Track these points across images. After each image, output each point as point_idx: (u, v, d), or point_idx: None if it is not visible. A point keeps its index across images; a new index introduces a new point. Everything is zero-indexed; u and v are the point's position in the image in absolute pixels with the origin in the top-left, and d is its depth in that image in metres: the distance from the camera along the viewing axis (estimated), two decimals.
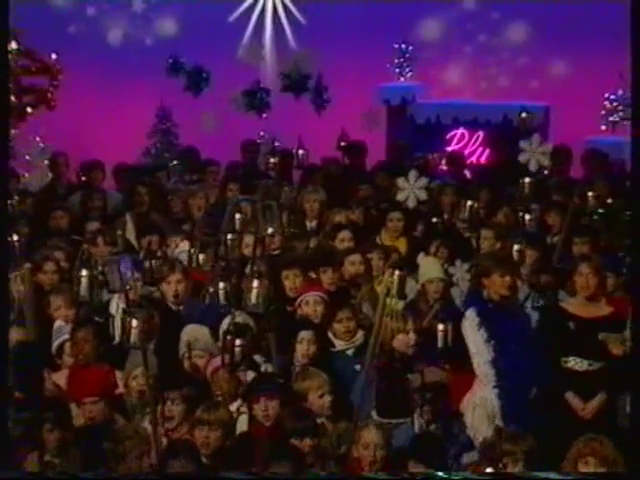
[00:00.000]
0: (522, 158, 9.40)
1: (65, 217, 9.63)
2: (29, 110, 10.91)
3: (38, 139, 12.60)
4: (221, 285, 7.46)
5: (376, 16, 13.32)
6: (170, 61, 13.25)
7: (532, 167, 9.40)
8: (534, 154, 9.31)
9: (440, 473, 5.06)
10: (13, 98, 10.19)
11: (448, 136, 12.97)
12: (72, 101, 13.07)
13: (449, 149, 12.70)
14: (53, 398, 6.76)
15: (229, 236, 7.88)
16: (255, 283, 7.28)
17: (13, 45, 10.26)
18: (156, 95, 13.36)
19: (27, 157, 12.47)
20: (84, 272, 7.54)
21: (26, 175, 11.95)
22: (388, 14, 13.29)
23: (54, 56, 11.13)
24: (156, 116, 13.27)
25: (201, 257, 8.12)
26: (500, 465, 5.68)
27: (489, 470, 5.56)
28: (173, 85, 13.51)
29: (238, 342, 6.75)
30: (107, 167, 11.26)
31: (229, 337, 6.74)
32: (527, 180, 9.48)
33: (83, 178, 10.93)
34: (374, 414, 6.86)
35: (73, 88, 13.07)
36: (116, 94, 13.40)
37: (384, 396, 6.83)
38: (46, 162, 11.70)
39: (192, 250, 8.18)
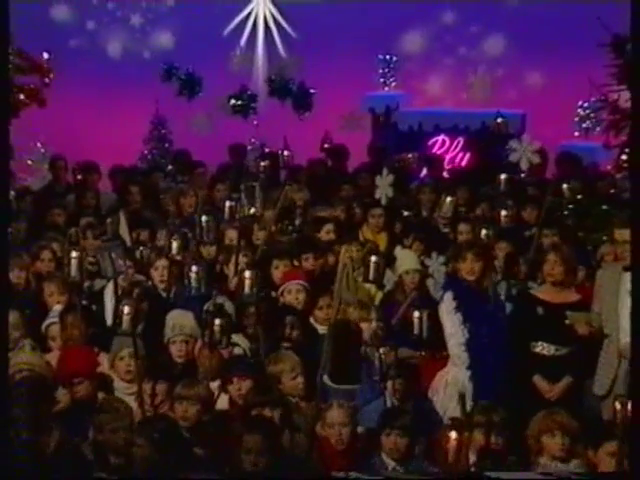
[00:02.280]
0: (513, 157, 9.38)
1: (62, 214, 9.66)
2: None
3: (39, 145, 12.60)
4: (194, 268, 7.40)
5: (362, 29, 13.33)
6: (164, 67, 13.21)
7: (523, 165, 9.38)
8: (525, 152, 9.28)
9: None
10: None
11: (430, 142, 12.95)
12: (73, 109, 13.13)
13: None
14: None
15: (204, 218, 7.80)
16: (247, 274, 7.27)
17: None
18: (152, 104, 13.36)
19: (29, 162, 12.46)
20: (74, 254, 7.52)
21: (29, 179, 11.92)
22: (373, 27, 13.31)
23: (46, 55, 11.08)
24: (151, 123, 13.24)
25: (174, 245, 8.00)
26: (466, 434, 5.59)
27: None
28: (168, 93, 13.47)
29: (217, 321, 6.72)
30: (104, 170, 11.28)
31: (209, 316, 6.70)
32: (503, 177, 9.46)
33: (79, 177, 10.87)
34: (326, 379, 6.81)
35: (74, 97, 13.15)
36: (114, 103, 13.37)
37: (336, 362, 6.74)
38: (46, 166, 11.70)
39: (173, 236, 8.10)
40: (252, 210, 8.55)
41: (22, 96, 10.64)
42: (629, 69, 9.30)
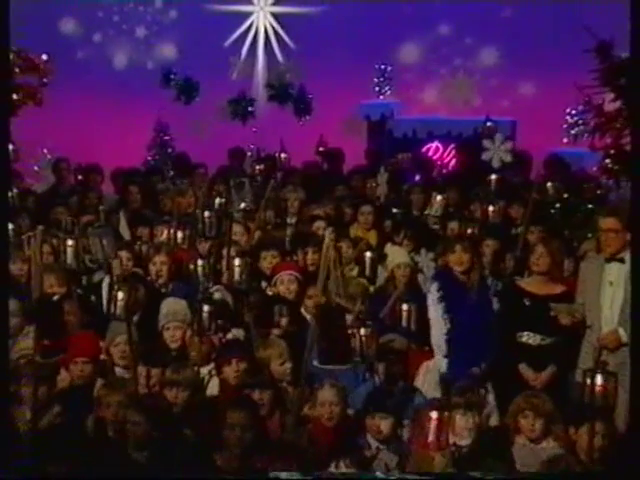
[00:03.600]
0: (485, 156, 9.40)
1: (64, 213, 9.65)
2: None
3: (45, 151, 12.68)
4: (199, 262, 7.43)
5: (359, 40, 13.44)
6: (162, 73, 13.30)
7: (495, 164, 9.40)
8: (497, 151, 9.31)
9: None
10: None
11: (424, 149, 13.00)
12: (79, 117, 13.22)
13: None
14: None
15: (206, 214, 7.83)
16: (237, 261, 7.29)
17: None
18: (155, 112, 13.44)
19: (35, 168, 12.54)
20: (69, 242, 7.54)
21: (35, 185, 11.96)
22: (370, 38, 13.42)
23: (44, 57, 11.12)
24: (154, 130, 13.32)
25: (179, 235, 8.02)
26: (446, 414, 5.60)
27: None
28: (171, 102, 13.63)
29: (206, 308, 6.75)
30: (106, 173, 11.34)
31: (198, 303, 6.73)
32: (493, 177, 9.47)
33: (80, 177, 10.92)
34: (315, 362, 6.82)
35: (80, 106, 13.24)
36: (119, 111, 13.47)
37: (324, 344, 6.76)
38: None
39: (171, 230, 8.12)
40: (242, 205, 8.56)
41: (20, 95, 10.66)
42: (613, 72, 9.39)
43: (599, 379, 5.72)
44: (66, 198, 10.46)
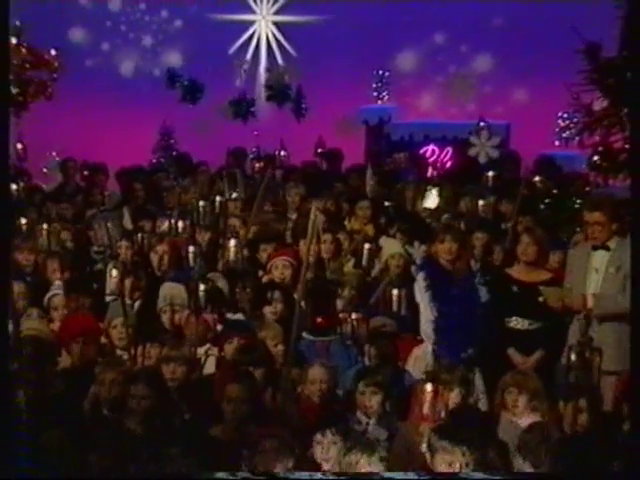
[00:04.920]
0: (472, 152, 9.43)
1: (70, 209, 9.76)
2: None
3: (54, 154, 12.75)
4: (191, 249, 7.47)
5: (358, 47, 13.53)
6: (167, 74, 13.41)
7: (482, 159, 9.43)
8: (483, 147, 9.34)
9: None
10: (16, 89, 10.29)
11: (420, 152, 13.04)
12: (87, 122, 13.30)
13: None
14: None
15: (201, 203, 7.87)
16: (232, 242, 7.34)
17: (13, 40, 10.34)
18: (160, 117, 13.52)
19: (44, 170, 12.60)
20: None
21: (44, 186, 12.04)
22: (369, 45, 13.51)
23: (53, 52, 11.19)
24: (159, 134, 13.40)
25: (180, 225, 8.08)
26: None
27: None
28: (176, 103, 13.73)
29: (202, 287, 6.79)
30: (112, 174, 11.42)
31: (194, 284, 6.77)
32: (490, 174, 9.49)
33: (85, 172, 11.00)
34: (305, 334, 6.83)
35: (89, 112, 13.33)
36: (126, 117, 13.57)
37: (313, 316, 6.78)
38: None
39: (172, 220, 8.17)
40: (234, 195, 8.62)
41: (32, 89, 10.72)
42: (602, 72, 9.43)
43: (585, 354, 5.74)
44: (72, 197, 10.56)
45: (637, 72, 7.08)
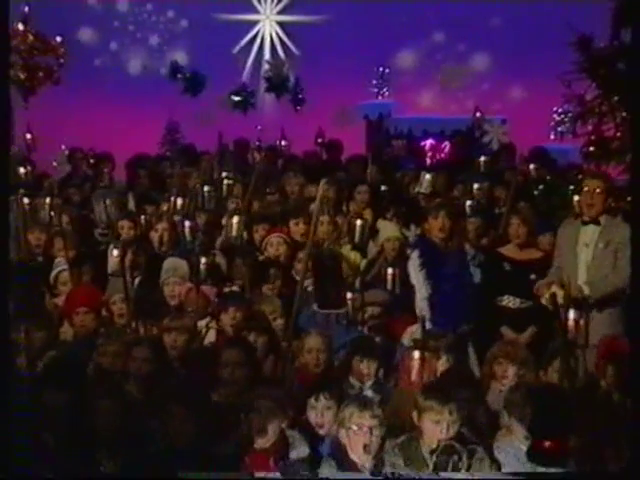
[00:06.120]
0: (486, 139, 9.51)
1: (76, 194, 9.82)
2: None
3: (63, 147, 12.81)
4: (187, 224, 7.50)
5: (359, 45, 13.65)
6: (170, 66, 13.49)
7: (495, 145, 9.51)
8: (496, 134, 9.42)
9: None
10: (24, 75, 10.36)
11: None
12: (96, 119, 13.37)
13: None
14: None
15: (206, 188, 7.90)
16: (235, 219, 7.38)
17: (20, 26, 10.40)
18: (166, 113, 13.60)
19: (54, 163, 12.66)
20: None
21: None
22: (369, 43, 13.63)
23: (59, 39, 11.25)
24: (165, 129, 13.47)
25: (179, 201, 8.09)
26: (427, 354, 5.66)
27: None
28: (179, 98, 13.80)
29: (203, 260, 6.82)
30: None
31: (195, 257, 6.82)
32: (482, 159, 9.54)
33: (92, 161, 11.06)
34: (315, 306, 6.86)
35: (98, 109, 13.41)
36: (134, 113, 13.66)
37: (321, 290, 6.81)
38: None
39: (171, 199, 8.18)
40: (224, 174, 8.68)
41: (40, 74, 10.78)
42: (594, 63, 9.47)
43: (572, 314, 5.77)
44: (80, 186, 10.61)
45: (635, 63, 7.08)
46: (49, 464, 5.24)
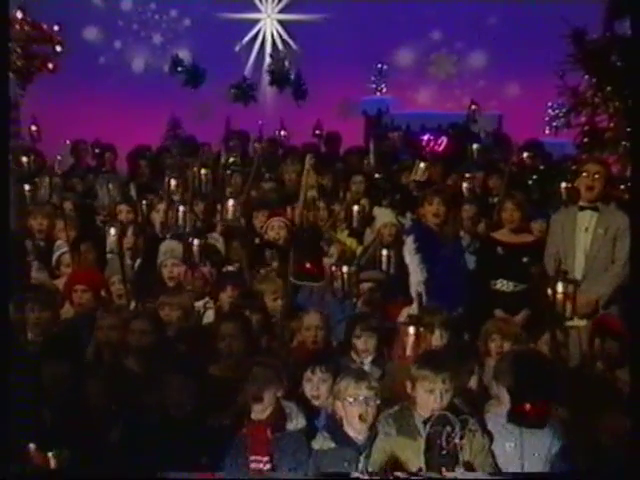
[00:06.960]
0: (474, 128, 9.46)
1: (79, 184, 9.85)
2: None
3: (68, 142, 12.83)
4: (181, 208, 7.51)
5: (358, 42, 13.66)
6: (171, 60, 13.55)
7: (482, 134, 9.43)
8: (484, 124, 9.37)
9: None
10: (22, 62, 10.38)
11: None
12: (101, 116, 13.40)
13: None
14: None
15: (203, 171, 7.91)
16: (231, 202, 7.39)
17: (19, 15, 10.40)
18: (169, 110, 13.62)
19: (58, 157, 12.67)
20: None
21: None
22: (369, 40, 13.65)
23: (56, 27, 11.25)
24: (168, 124, 13.48)
25: (172, 183, 8.07)
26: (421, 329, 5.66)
27: None
28: (180, 91, 13.84)
29: (196, 242, 6.83)
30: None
31: (189, 239, 6.82)
32: (475, 146, 9.53)
33: (96, 150, 11.08)
34: (291, 278, 6.84)
35: (102, 106, 13.45)
36: (138, 110, 13.68)
37: (297, 262, 6.79)
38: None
39: (166, 179, 8.17)
40: (231, 159, 8.67)
41: (37, 62, 10.79)
42: (587, 56, 9.47)
43: (560, 287, 5.76)
44: (83, 177, 10.63)
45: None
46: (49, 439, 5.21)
